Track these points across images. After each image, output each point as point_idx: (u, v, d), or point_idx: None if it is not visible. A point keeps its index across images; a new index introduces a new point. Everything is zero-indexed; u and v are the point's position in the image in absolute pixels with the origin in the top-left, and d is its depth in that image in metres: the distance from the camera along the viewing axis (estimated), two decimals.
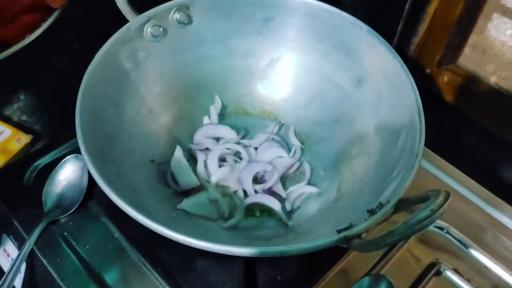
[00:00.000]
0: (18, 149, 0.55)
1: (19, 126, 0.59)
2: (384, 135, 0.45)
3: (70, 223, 0.47)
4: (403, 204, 0.35)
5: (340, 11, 0.48)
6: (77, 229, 0.47)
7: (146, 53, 0.48)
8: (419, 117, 0.40)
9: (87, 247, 0.45)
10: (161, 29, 0.48)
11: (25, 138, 0.56)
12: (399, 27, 0.71)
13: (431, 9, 0.68)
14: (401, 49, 0.73)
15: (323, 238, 0.34)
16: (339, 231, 0.35)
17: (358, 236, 0.34)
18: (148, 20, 0.47)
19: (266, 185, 0.47)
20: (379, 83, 0.46)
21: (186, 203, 0.45)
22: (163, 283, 0.43)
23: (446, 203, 0.31)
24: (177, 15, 0.49)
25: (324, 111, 0.51)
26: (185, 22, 0.49)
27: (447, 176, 0.54)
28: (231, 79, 0.53)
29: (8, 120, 0.60)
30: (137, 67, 0.47)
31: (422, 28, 0.71)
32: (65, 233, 0.46)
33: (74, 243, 0.45)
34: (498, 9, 0.62)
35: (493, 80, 0.69)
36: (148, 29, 0.47)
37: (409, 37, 0.73)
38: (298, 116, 0.53)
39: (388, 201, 0.35)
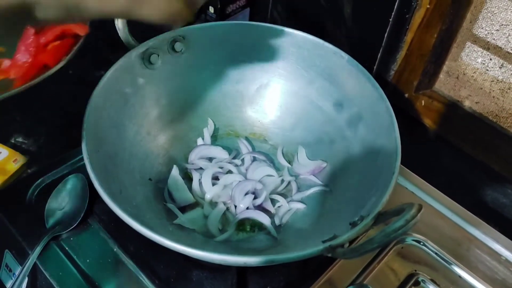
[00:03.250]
0: (15, 170, 0.57)
1: (15, 147, 0.61)
2: (364, 155, 0.49)
3: (71, 239, 0.49)
4: (381, 217, 0.39)
5: (324, 41, 0.53)
6: (78, 244, 0.49)
7: (145, 79, 0.52)
8: (395, 139, 0.44)
9: (88, 261, 0.48)
10: (158, 57, 0.52)
11: (21, 159, 0.59)
12: (379, 55, 0.75)
13: (408, 38, 0.73)
14: (381, 75, 0.77)
15: (310, 248, 0.37)
16: (324, 241, 0.38)
17: (341, 245, 0.37)
18: (147, 49, 0.51)
19: (257, 202, 0.50)
20: (359, 107, 0.50)
21: (182, 218, 0.48)
22: None
23: (419, 214, 0.34)
24: (173, 45, 0.52)
25: (309, 133, 0.55)
26: (181, 51, 0.53)
27: (424, 193, 0.58)
28: (223, 103, 0.57)
29: (4, 142, 0.62)
30: (136, 92, 0.51)
31: (400, 56, 0.75)
32: (67, 248, 0.49)
33: (75, 257, 0.48)
34: (470, 38, 0.67)
35: (467, 104, 0.73)
36: (147, 58, 0.51)
37: (388, 64, 0.77)
38: (285, 137, 0.57)
39: (368, 214, 0.39)
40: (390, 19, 0.70)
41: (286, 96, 0.56)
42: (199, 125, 0.57)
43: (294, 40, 0.53)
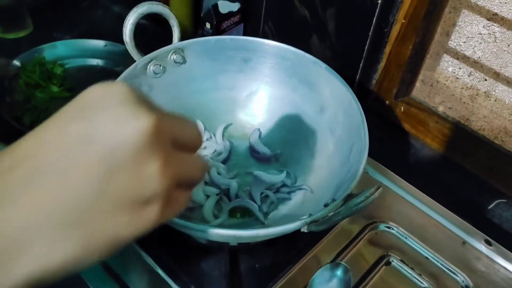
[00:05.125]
0: None
1: None
2: (340, 150, 0.56)
3: None
4: (349, 198, 0.46)
5: (305, 53, 0.60)
6: None
7: (149, 87, 0.59)
8: (364, 136, 0.51)
9: None
10: (161, 67, 0.59)
11: None
12: (360, 66, 0.82)
13: (387, 50, 0.80)
14: (364, 84, 0.83)
15: (289, 224, 0.44)
16: (301, 219, 0.45)
17: (315, 221, 0.44)
18: (151, 60, 0.58)
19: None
20: (336, 110, 0.58)
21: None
22: (164, 274, 0.52)
23: (376, 192, 0.42)
24: (174, 56, 0.60)
25: (294, 133, 0.62)
26: (181, 62, 0.61)
27: (399, 187, 0.65)
28: (218, 108, 0.64)
29: None
30: None
31: (381, 66, 0.82)
32: None
33: None
34: (441, 49, 0.74)
35: (440, 109, 0.80)
36: (151, 68, 0.58)
37: (370, 74, 0.84)
38: (273, 138, 0.64)
39: (339, 197, 0.46)
40: (369, 33, 0.77)
41: (273, 101, 0.64)
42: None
43: (278, 51, 0.61)
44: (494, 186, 0.72)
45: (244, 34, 0.98)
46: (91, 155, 0.24)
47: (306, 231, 0.44)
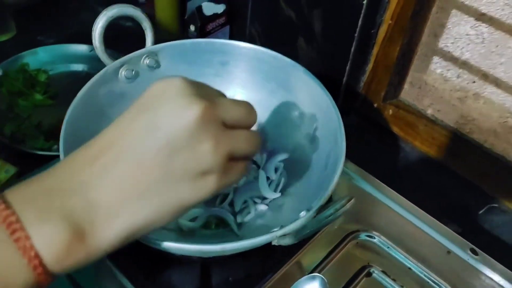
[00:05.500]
0: (6, 179, 0.63)
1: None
2: (318, 158, 0.54)
3: None
4: (321, 210, 0.44)
5: (282, 56, 0.58)
6: None
7: (121, 93, 0.57)
8: (341, 142, 0.49)
9: None
10: (133, 72, 0.57)
11: (12, 169, 0.64)
12: (347, 68, 0.80)
13: (375, 51, 0.78)
14: (352, 87, 0.82)
15: (259, 237, 0.42)
16: (271, 232, 0.43)
17: (286, 234, 0.42)
18: (122, 65, 0.56)
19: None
20: (314, 115, 0.56)
21: None
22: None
23: (348, 204, 0.40)
24: (147, 60, 0.58)
25: (272, 139, 0.60)
26: (154, 66, 0.59)
27: (383, 194, 0.63)
28: None
29: None
30: (112, 105, 0.56)
31: (369, 68, 0.81)
32: None
33: None
34: (429, 50, 0.72)
35: (429, 112, 0.78)
36: (123, 72, 0.56)
37: (358, 76, 0.82)
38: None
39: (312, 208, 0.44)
40: (356, 35, 0.75)
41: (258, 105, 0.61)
42: None
43: (255, 54, 0.59)
44: (485, 191, 0.70)
45: (231, 36, 0.96)
46: (157, 140, 0.32)
47: (276, 244, 0.42)
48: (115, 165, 0.32)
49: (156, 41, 0.60)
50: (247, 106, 0.37)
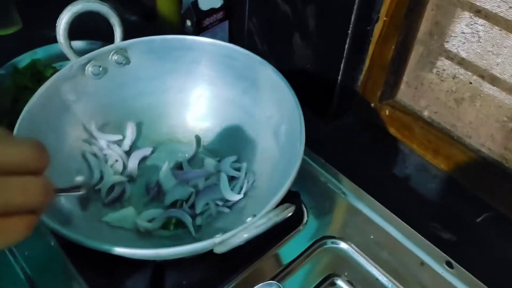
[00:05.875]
0: None
1: None
2: (283, 161, 0.52)
3: None
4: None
5: (253, 54, 0.56)
6: None
7: (88, 89, 0.56)
8: (299, 146, 0.47)
9: (26, 253, 0.53)
10: (101, 68, 0.56)
11: None
12: (342, 66, 0.77)
13: (371, 50, 0.75)
14: (348, 86, 0.79)
15: (198, 243, 0.40)
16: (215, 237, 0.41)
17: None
18: (89, 61, 0.55)
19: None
20: (281, 116, 0.54)
21: (111, 217, 0.52)
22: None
23: (283, 213, 0.38)
24: (115, 57, 0.57)
25: (242, 139, 0.59)
26: (123, 62, 0.58)
27: (357, 199, 0.60)
28: (165, 111, 0.61)
29: None
30: (78, 100, 0.55)
31: (365, 67, 0.78)
32: None
33: (14, 248, 0.53)
34: (425, 50, 0.69)
35: (426, 114, 0.75)
36: (89, 69, 0.56)
37: (354, 75, 0.80)
38: (222, 142, 0.61)
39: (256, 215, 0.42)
40: (349, 31, 0.72)
41: (222, 104, 0.60)
42: (145, 131, 0.61)
43: (227, 52, 0.57)
44: (481, 198, 0.67)
45: (230, 32, 0.95)
46: None
47: (217, 252, 0.40)
48: None
49: (157, 34, 0.59)
50: (30, 147, 0.30)
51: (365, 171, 0.75)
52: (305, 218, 0.58)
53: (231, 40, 0.95)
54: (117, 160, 0.57)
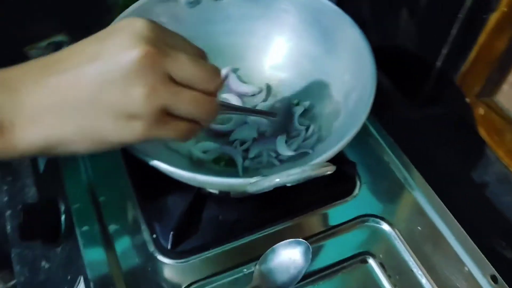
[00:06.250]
0: None
1: None
2: (344, 123, 0.51)
3: None
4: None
5: (345, 14, 0.54)
6: None
7: (179, 15, 0.57)
8: (363, 114, 0.45)
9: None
10: None
11: None
12: (445, 50, 0.72)
13: (480, 40, 0.69)
14: (446, 73, 0.74)
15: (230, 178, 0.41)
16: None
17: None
18: None
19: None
20: (357, 81, 0.52)
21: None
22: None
23: (322, 170, 0.37)
24: None
25: (314, 95, 0.58)
26: None
27: (419, 191, 0.57)
28: (246, 54, 0.62)
29: None
30: (167, 24, 0.56)
31: (470, 57, 0.72)
32: None
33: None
34: None
35: None
36: None
37: (455, 63, 0.74)
38: (293, 95, 0.60)
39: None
40: (459, 15, 0.67)
41: (303, 58, 0.59)
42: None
43: (319, 6, 0.56)
44: None
45: None
46: (94, 69, 0.32)
47: (249, 191, 0.41)
48: (53, 77, 0.33)
49: None
50: (210, 71, 0.36)
51: (439, 166, 0.71)
52: (356, 191, 0.56)
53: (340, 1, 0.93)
54: None
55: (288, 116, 0.57)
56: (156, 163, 0.41)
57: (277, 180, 0.37)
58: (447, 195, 0.58)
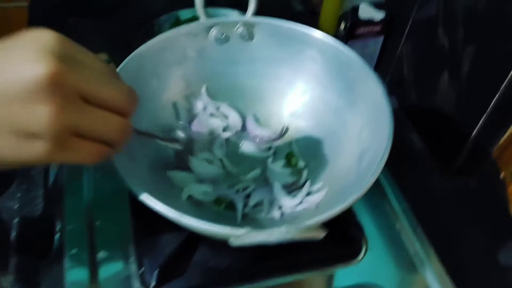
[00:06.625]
0: None
1: None
2: (354, 184, 0.48)
3: None
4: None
5: (372, 70, 0.52)
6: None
7: (205, 51, 0.57)
8: (371, 176, 0.42)
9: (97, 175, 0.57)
10: (223, 35, 0.57)
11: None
12: (482, 120, 0.69)
13: None
14: (481, 145, 0.70)
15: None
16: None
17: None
18: (216, 25, 0.57)
19: None
20: (374, 142, 0.49)
21: (175, 173, 0.53)
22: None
23: (315, 234, 0.35)
24: (241, 29, 0.57)
25: (327, 149, 0.56)
26: (246, 37, 0.58)
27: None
28: (267, 98, 0.61)
29: None
30: (192, 59, 0.57)
31: (509, 130, 0.68)
32: None
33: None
34: None
35: None
36: (213, 32, 0.57)
37: (493, 135, 0.70)
38: (308, 146, 0.58)
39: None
40: (502, 86, 0.64)
41: (323, 109, 0.57)
42: (240, 109, 0.61)
43: (347, 60, 0.54)
44: None
45: (383, 48, 0.90)
46: None
47: (232, 244, 0.39)
48: None
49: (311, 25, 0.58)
50: (123, 90, 0.34)
51: (458, 245, 0.66)
52: (361, 256, 0.53)
53: (380, 57, 0.91)
54: None
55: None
56: (143, 196, 0.39)
57: (259, 237, 0.35)
58: (462, 278, 0.53)
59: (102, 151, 0.35)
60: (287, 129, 0.58)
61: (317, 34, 0.56)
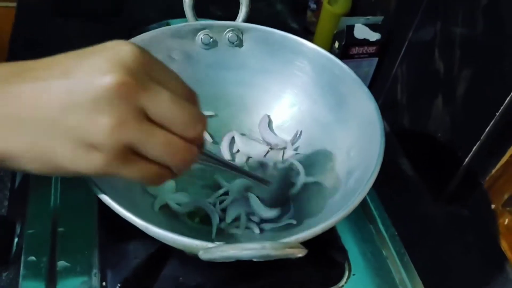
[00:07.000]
0: None
1: None
2: (338, 203, 0.45)
3: None
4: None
5: (364, 86, 0.50)
6: None
7: (192, 55, 0.55)
8: (356, 197, 0.39)
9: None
10: (212, 40, 0.55)
11: None
12: (475, 148, 0.66)
13: None
14: (473, 174, 0.68)
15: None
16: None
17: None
18: (203, 28, 0.54)
19: None
20: (362, 160, 0.46)
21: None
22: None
23: (293, 252, 0.31)
24: (230, 34, 0.55)
25: (314, 163, 0.53)
26: (235, 43, 0.55)
27: None
28: (252, 108, 0.58)
29: None
30: (177, 62, 0.54)
31: (503, 160, 0.66)
32: None
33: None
34: None
35: None
36: (201, 36, 0.54)
37: (485, 164, 0.68)
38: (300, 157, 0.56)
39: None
40: (497, 113, 0.62)
41: (312, 123, 0.55)
42: (225, 117, 0.58)
43: (340, 73, 0.52)
44: None
45: (377, 69, 0.88)
46: (63, 85, 0.29)
47: (201, 257, 0.35)
48: (17, 85, 0.30)
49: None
50: (193, 115, 0.32)
51: (447, 275, 0.63)
52: (343, 281, 0.49)
53: (374, 78, 0.89)
54: None
55: (285, 185, 0.52)
56: (105, 198, 0.36)
57: (231, 252, 0.32)
58: None
59: (161, 174, 0.34)
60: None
61: (308, 44, 0.53)
